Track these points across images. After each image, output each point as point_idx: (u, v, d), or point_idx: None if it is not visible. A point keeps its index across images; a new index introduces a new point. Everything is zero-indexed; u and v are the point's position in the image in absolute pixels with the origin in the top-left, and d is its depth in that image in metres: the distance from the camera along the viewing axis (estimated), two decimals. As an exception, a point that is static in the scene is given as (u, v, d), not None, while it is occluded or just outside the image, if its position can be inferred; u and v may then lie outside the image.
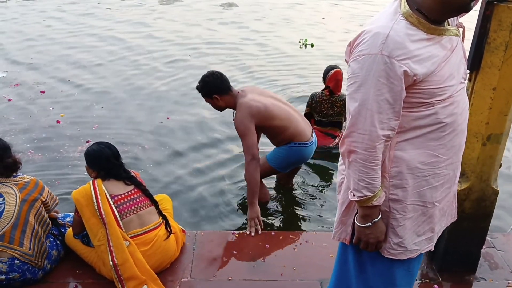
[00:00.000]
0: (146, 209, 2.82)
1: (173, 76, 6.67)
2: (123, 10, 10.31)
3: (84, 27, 8.95)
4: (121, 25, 9.14)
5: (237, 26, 9.27)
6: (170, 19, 9.60)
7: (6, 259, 2.59)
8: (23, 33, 8.53)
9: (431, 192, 1.76)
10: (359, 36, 1.64)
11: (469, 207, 2.62)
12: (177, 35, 8.58)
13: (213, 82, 3.53)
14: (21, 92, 6.02)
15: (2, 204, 2.65)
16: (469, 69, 2.39)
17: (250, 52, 7.80)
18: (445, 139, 1.69)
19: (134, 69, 6.90)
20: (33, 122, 5.20)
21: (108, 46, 7.83)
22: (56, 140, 4.84)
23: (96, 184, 2.75)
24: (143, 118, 5.38)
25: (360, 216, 1.76)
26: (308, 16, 10.27)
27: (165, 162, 4.51)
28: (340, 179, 1.90)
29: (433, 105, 1.63)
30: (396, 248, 1.80)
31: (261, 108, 3.44)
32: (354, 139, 1.65)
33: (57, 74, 6.64)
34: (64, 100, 5.79)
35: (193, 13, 10.15)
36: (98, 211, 2.69)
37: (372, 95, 1.58)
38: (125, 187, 2.81)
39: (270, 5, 11.11)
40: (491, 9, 2.21)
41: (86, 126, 5.15)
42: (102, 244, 2.70)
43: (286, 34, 8.89)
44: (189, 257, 2.98)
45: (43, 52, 7.54)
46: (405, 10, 1.61)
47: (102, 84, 6.31)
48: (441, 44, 1.63)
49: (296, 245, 3.07)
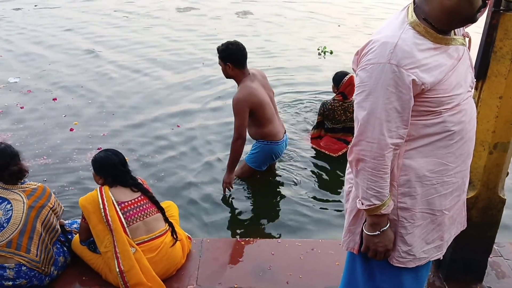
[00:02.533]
0: (153, 216, 2.82)
1: (183, 83, 6.67)
2: (140, 19, 10.31)
3: (97, 36, 8.94)
4: (135, 34, 9.12)
5: (252, 34, 9.21)
6: (186, 29, 9.57)
7: (13, 265, 2.60)
8: (38, 40, 8.57)
9: (440, 200, 1.76)
10: (366, 45, 1.65)
11: (476, 215, 2.61)
12: (190, 43, 8.53)
13: (234, 51, 3.82)
14: (33, 98, 6.03)
15: (10, 210, 2.66)
16: (475, 77, 2.40)
17: (265, 62, 7.67)
18: (453, 147, 1.70)
19: (143, 75, 6.90)
20: (45, 129, 5.21)
21: (116, 55, 7.86)
22: (67, 147, 4.86)
23: (103, 191, 2.77)
24: (153, 125, 5.38)
25: (369, 225, 1.77)
26: (323, 24, 10.22)
27: (173, 169, 4.51)
28: (348, 188, 1.90)
29: (441, 114, 1.64)
30: (405, 256, 1.81)
31: (258, 100, 3.85)
32: (363, 147, 1.65)
33: (70, 81, 6.64)
34: (76, 108, 5.81)
35: (210, 21, 10.13)
36: (105, 217, 2.70)
37: (381, 104, 1.59)
38: (132, 194, 2.82)
39: (285, 13, 11.03)
40: (497, 18, 2.21)
41: (97, 133, 5.17)
42: (108, 250, 2.72)
43: (302, 42, 8.80)
44: (195, 264, 2.98)
45: (56, 59, 7.55)
46: (413, 19, 1.63)
47: (115, 92, 6.32)
48: (448, 54, 1.64)
49: (302, 253, 3.07)
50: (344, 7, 11.74)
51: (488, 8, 2.19)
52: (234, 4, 11.49)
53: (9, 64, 7.29)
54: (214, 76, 6.74)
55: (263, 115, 3.94)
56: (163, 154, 4.77)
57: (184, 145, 4.97)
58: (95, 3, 11.44)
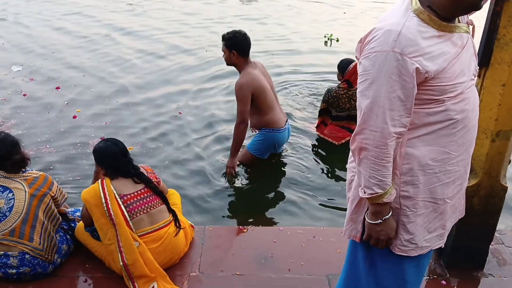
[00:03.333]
0: (157, 208, 2.80)
1: (187, 69, 6.67)
2: (147, 3, 10.28)
3: (102, 24, 8.92)
4: (139, 19, 9.12)
5: (257, 22, 9.15)
6: (190, 12, 9.54)
7: (17, 253, 2.62)
8: (42, 27, 8.56)
9: (442, 189, 1.76)
10: (370, 33, 1.63)
11: (477, 203, 2.62)
12: (195, 31, 8.52)
13: (241, 40, 3.97)
14: (36, 86, 6.03)
15: (12, 199, 2.67)
16: (478, 65, 2.38)
17: (274, 48, 7.66)
18: (456, 136, 1.69)
19: (145, 62, 6.92)
20: (48, 117, 5.23)
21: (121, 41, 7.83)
22: (70, 135, 4.87)
23: (105, 184, 2.74)
24: (156, 112, 5.40)
25: (371, 213, 1.77)
26: (329, 11, 10.15)
27: (176, 157, 4.52)
28: (350, 177, 1.90)
29: (444, 102, 1.63)
30: (407, 244, 1.81)
31: (259, 86, 3.97)
32: (366, 136, 1.65)
33: (74, 69, 6.64)
34: (79, 95, 5.81)
35: (217, 7, 10.10)
36: (107, 212, 2.68)
37: (384, 92, 1.58)
38: (134, 186, 2.79)
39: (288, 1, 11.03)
40: (501, 5, 2.19)
41: (101, 121, 5.18)
42: (112, 243, 2.72)
43: (308, 30, 8.75)
44: (198, 252, 2.99)
45: (59, 47, 7.56)
46: (417, 7, 1.61)
47: (119, 80, 6.32)
48: (452, 41, 1.63)
49: (304, 241, 3.08)
50: None
51: (492, -5, 2.17)
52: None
53: (13, 52, 7.30)
54: (219, 64, 6.74)
55: (264, 101, 4.04)
56: (166, 142, 4.79)
57: (185, 131, 4.97)
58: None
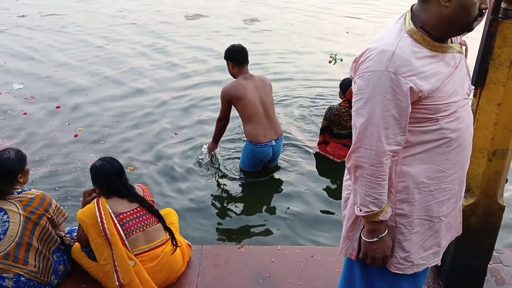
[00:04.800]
0: (153, 227, 2.79)
1: (186, 90, 6.71)
2: (150, 23, 10.39)
3: (104, 40, 9.03)
4: (144, 38, 9.21)
5: (260, 41, 9.23)
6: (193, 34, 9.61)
7: (12, 275, 2.61)
8: (42, 46, 8.66)
9: (437, 207, 1.77)
10: (364, 53, 1.66)
11: (475, 222, 2.61)
12: (198, 51, 8.58)
13: (234, 51, 4.28)
14: (36, 105, 6.06)
15: (7, 222, 2.65)
16: (473, 84, 2.40)
17: (281, 70, 7.71)
18: (451, 154, 1.70)
19: (150, 88, 6.88)
20: (49, 136, 5.25)
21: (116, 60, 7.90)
22: (71, 154, 4.89)
23: (100, 203, 2.73)
24: (156, 132, 5.42)
25: (367, 231, 1.77)
26: (331, 31, 10.22)
27: (172, 177, 4.53)
28: (345, 194, 1.91)
29: (438, 121, 1.65)
30: (403, 262, 1.81)
31: (238, 95, 4.21)
32: (361, 154, 1.66)
33: (74, 88, 6.69)
34: (80, 114, 5.84)
35: (217, 27, 10.18)
36: (103, 231, 2.66)
37: (379, 111, 1.60)
38: (130, 204, 2.77)
39: (290, 20, 11.09)
40: (495, 26, 2.22)
41: (101, 140, 5.20)
42: (108, 263, 2.70)
43: (311, 50, 8.80)
44: (195, 272, 2.97)
45: (60, 65, 7.63)
46: (410, 27, 1.64)
47: (119, 98, 6.38)
48: (445, 61, 1.65)
49: (302, 260, 3.07)
50: (350, 12, 11.86)
51: (486, 16, 2.20)
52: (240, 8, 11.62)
53: (14, 70, 7.36)
54: (219, 84, 6.79)
55: (243, 111, 4.28)
56: (163, 161, 4.79)
57: (184, 152, 4.98)
58: (100, 10, 11.61)
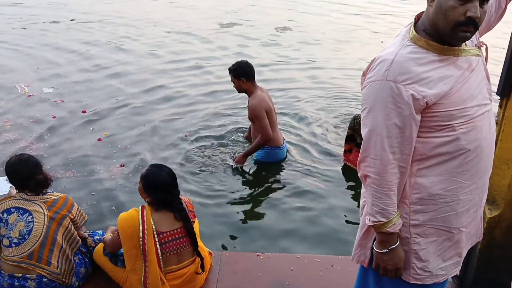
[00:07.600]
0: (186, 250, 2.78)
1: (206, 97, 6.75)
2: (185, 30, 10.56)
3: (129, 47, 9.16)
4: (177, 47, 9.37)
5: (292, 49, 9.27)
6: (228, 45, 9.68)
7: (35, 276, 2.66)
8: (74, 52, 8.86)
9: (456, 218, 1.73)
10: (370, 64, 1.68)
11: (499, 235, 2.55)
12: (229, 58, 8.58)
13: (245, 67, 4.50)
14: (65, 109, 6.19)
15: (31, 222, 2.71)
16: (499, 94, 2.35)
17: (307, 73, 7.72)
18: (468, 165, 1.66)
19: (182, 96, 6.90)
20: (75, 139, 5.35)
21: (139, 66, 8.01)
22: (95, 158, 4.96)
23: (145, 216, 2.68)
24: (177, 141, 5.42)
25: (378, 242, 1.76)
26: (364, 39, 10.18)
27: (192, 182, 4.55)
28: (362, 202, 1.89)
29: (454, 129, 1.61)
30: (421, 273, 1.78)
31: (268, 106, 4.52)
32: (368, 163, 1.67)
33: (102, 93, 6.80)
34: (106, 118, 5.94)
35: (249, 36, 10.28)
36: (141, 246, 2.64)
37: (381, 120, 1.60)
38: (173, 223, 2.73)
39: (324, 28, 11.07)
40: (523, 33, 2.18)
41: (126, 145, 5.26)
42: (137, 274, 2.70)
43: (345, 59, 8.80)
44: (214, 278, 2.98)
45: (90, 71, 7.79)
46: (413, 35, 1.64)
47: (147, 103, 6.47)
48: (456, 65, 1.62)
49: (321, 269, 3.04)
50: (388, 22, 11.81)
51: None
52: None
53: (45, 74, 7.53)
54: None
55: (270, 120, 4.53)
56: (188, 167, 4.81)
57: (206, 159, 4.99)
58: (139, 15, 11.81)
